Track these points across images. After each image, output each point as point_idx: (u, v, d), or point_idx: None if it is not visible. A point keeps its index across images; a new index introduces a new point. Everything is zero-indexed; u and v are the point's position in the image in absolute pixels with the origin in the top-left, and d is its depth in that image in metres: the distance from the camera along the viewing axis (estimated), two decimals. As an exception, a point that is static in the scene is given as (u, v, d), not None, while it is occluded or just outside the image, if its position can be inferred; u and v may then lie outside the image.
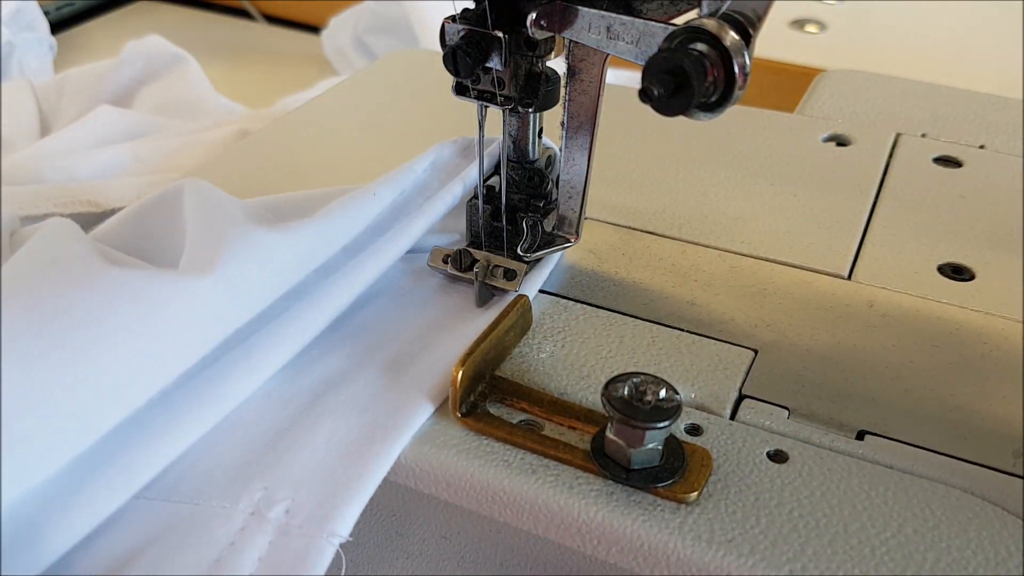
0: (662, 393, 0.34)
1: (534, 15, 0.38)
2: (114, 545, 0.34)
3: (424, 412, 0.38)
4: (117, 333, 0.34)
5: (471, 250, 0.45)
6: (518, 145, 0.45)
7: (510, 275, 0.44)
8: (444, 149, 0.49)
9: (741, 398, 0.40)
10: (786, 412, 0.39)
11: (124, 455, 0.36)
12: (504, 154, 0.45)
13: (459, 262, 0.45)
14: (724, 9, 0.33)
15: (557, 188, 0.45)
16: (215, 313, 0.37)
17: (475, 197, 0.46)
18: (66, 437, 0.34)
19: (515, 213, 0.45)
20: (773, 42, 0.87)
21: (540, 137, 0.45)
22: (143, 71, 0.86)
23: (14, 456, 0.32)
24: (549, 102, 0.42)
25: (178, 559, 0.34)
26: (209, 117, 0.82)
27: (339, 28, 1.08)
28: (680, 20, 0.35)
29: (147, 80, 0.86)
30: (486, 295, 0.45)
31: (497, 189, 0.46)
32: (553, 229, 0.45)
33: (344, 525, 0.34)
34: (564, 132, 0.43)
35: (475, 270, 0.45)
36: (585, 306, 0.45)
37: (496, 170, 0.47)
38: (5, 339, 0.33)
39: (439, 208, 0.45)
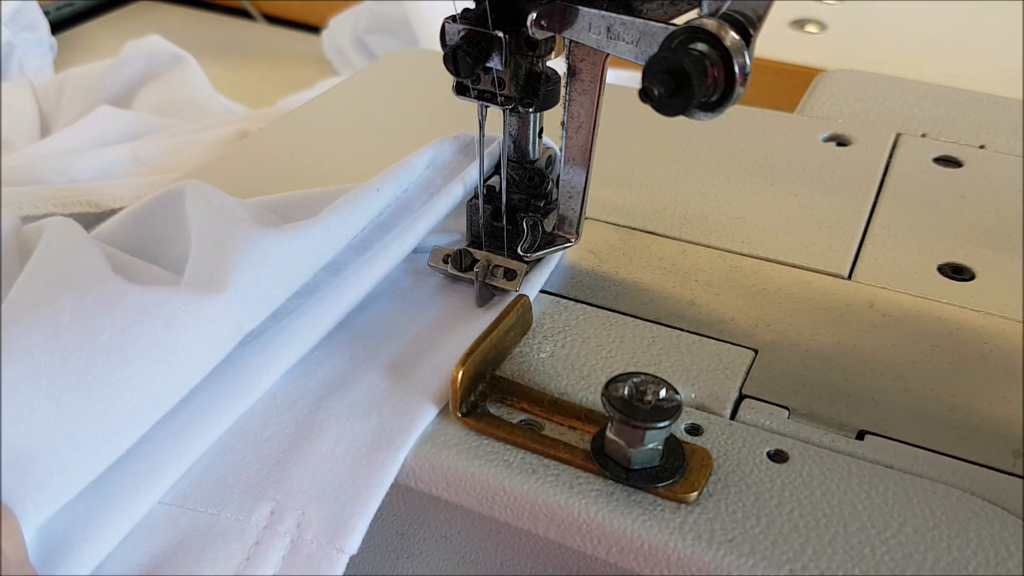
0: (662, 393, 0.34)
1: (534, 15, 0.38)
2: (132, 554, 0.35)
3: (427, 416, 0.38)
4: (139, 358, 0.35)
5: (471, 250, 0.45)
6: (518, 145, 0.45)
7: (510, 275, 0.44)
8: (443, 145, 0.49)
9: (741, 398, 0.40)
10: (786, 412, 0.39)
11: (147, 459, 0.36)
12: (504, 154, 0.45)
13: (459, 262, 0.45)
14: (724, 9, 0.33)
15: (557, 188, 0.45)
16: (232, 328, 0.38)
17: (475, 197, 0.46)
18: (97, 457, 0.34)
19: (515, 213, 0.45)
20: (773, 42, 0.87)
21: (540, 137, 0.45)
22: (143, 71, 0.86)
23: (51, 481, 0.33)
24: (549, 102, 0.42)
25: (196, 572, 0.34)
26: (209, 117, 0.82)
27: (339, 28, 1.08)
28: (680, 20, 0.35)
29: (147, 80, 0.86)
30: (486, 295, 0.45)
31: (497, 189, 0.46)
32: (553, 229, 0.45)
33: (353, 540, 0.35)
34: (564, 132, 0.43)
35: (475, 270, 0.45)
36: (585, 306, 0.45)
37: (496, 170, 0.47)
38: (32, 371, 0.34)
39: (441, 208, 0.45)
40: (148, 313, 0.36)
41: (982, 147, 0.60)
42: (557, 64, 0.42)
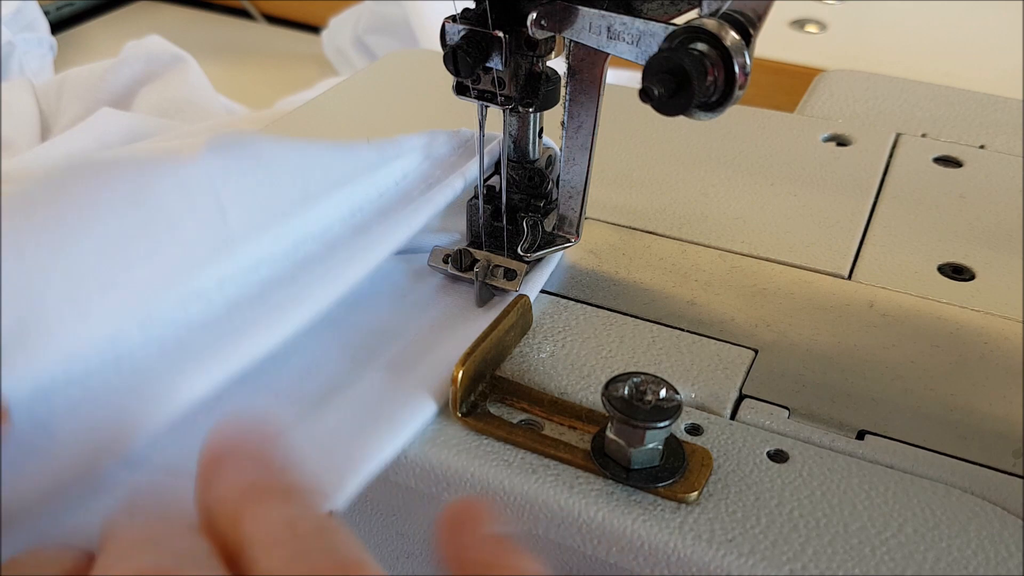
0: (662, 393, 0.34)
1: (534, 15, 0.38)
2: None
3: (428, 410, 0.38)
4: (108, 216, 0.34)
5: (471, 250, 0.45)
6: (518, 145, 0.45)
7: (510, 275, 0.44)
8: (439, 137, 0.49)
9: (741, 398, 0.40)
10: (786, 412, 0.39)
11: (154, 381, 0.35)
12: (504, 154, 0.45)
13: (459, 262, 0.45)
14: (724, 9, 0.33)
15: (557, 188, 0.45)
16: (210, 195, 0.37)
17: (475, 197, 0.46)
18: (67, 324, 0.33)
19: (515, 213, 0.45)
20: (773, 42, 0.87)
21: (540, 137, 0.45)
22: (143, 71, 0.86)
23: (16, 343, 0.32)
24: (549, 102, 0.42)
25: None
26: (209, 117, 0.82)
27: (339, 28, 1.08)
28: (680, 20, 0.35)
29: (147, 80, 0.86)
30: (486, 295, 0.45)
31: (497, 189, 0.46)
32: (553, 229, 0.45)
33: (341, 494, 0.34)
34: (564, 132, 0.43)
35: (475, 270, 0.45)
36: (585, 306, 0.45)
37: (496, 169, 0.47)
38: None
39: (440, 200, 0.45)
40: (119, 171, 0.35)
41: (982, 147, 0.60)
42: (557, 64, 0.42)
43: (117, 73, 0.85)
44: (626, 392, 0.34)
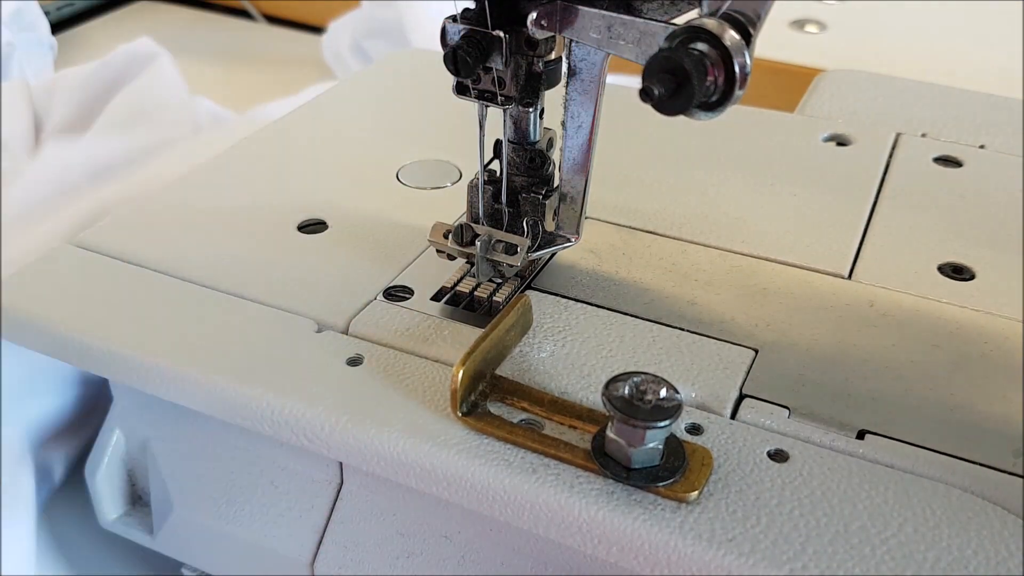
0: (663, 392, 0.34)
1: (534, 15, 0.38)
2: None
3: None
4: None
5: (472, 225, 0.45)
6: (519, 127, 0.44)
7: (511, 250, 0.44)
8: None
9: (742, 397, 0.40)
10: (787, 411, 0.39)
11: None
12: (505, 135, 0.44)
13: (460, 237, 0.45)
14: (724, 9, 0.33)
15: (560, 170, 0.45)
16: None
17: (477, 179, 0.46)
18: None
19: (516, 195, 0.45)
20: (773, 42, 0.87)
21: (541, 118, 0.45)
22: (123, 72, 0.85)
23: None
24: (552, 82, 0.42)
25: None
26: (181, 122, 0.81)
27: (338, 33, 1.08)
28: (681, 20, 0.35)
29: (127, 81, 0.85)
30: (487, 270, 0.44)
31: (498, 173, 0.45)
32: (554, 229, 0.45)
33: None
34: (564, 132, 0.42)
35: (477, 243, 0.44)
36: (585, 306, 0.45)
37: (497, 152, 0.46)
38: None
39: None
40: None
41: (982, 147, 0.60)
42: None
43: (100, 74, 0.84)
44: (626, 392, 0.34)
